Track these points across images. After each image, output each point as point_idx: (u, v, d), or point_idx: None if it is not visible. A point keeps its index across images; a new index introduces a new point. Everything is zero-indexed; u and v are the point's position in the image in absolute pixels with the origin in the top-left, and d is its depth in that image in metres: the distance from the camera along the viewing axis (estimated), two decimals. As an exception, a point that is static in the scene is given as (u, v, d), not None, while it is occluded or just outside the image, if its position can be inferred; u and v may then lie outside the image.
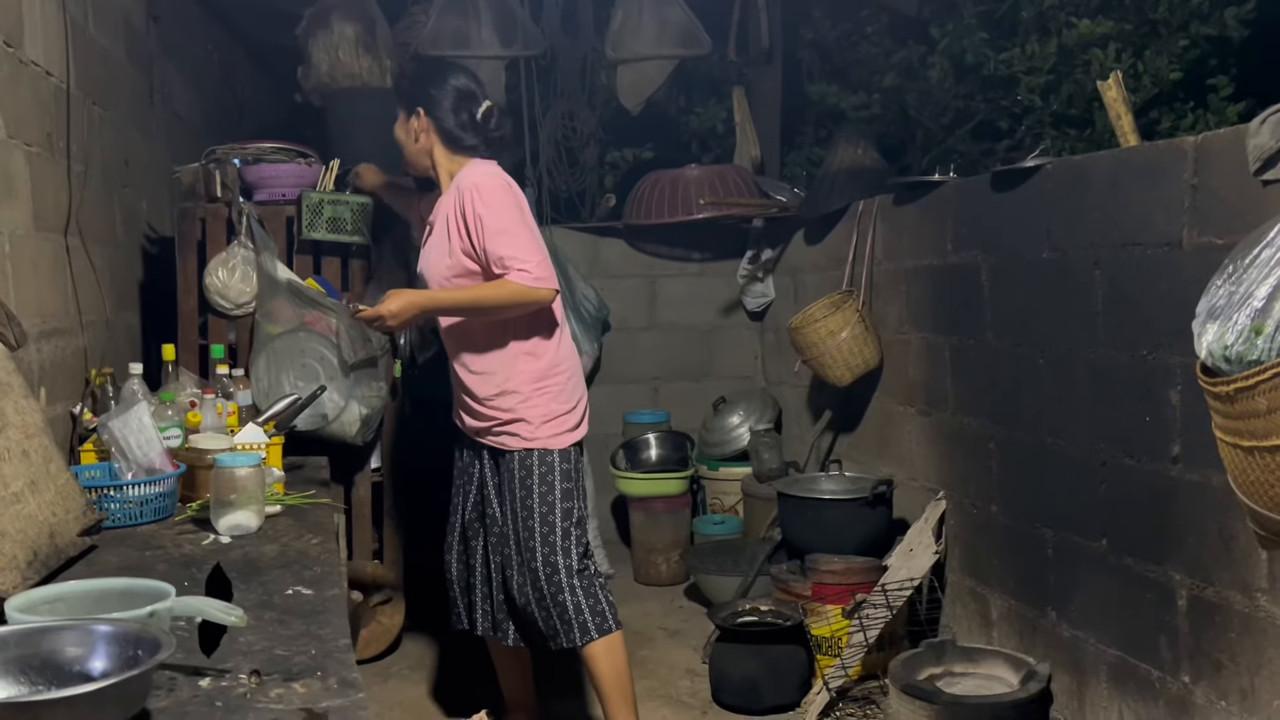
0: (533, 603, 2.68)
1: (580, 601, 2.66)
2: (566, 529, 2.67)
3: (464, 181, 2.72)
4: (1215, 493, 2.19)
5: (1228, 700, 2.20)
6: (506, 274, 2.62)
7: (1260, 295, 1.67)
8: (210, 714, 1.25)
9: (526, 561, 2.69)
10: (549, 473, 2.69)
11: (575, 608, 2.65)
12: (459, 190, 2.71)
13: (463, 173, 2.76)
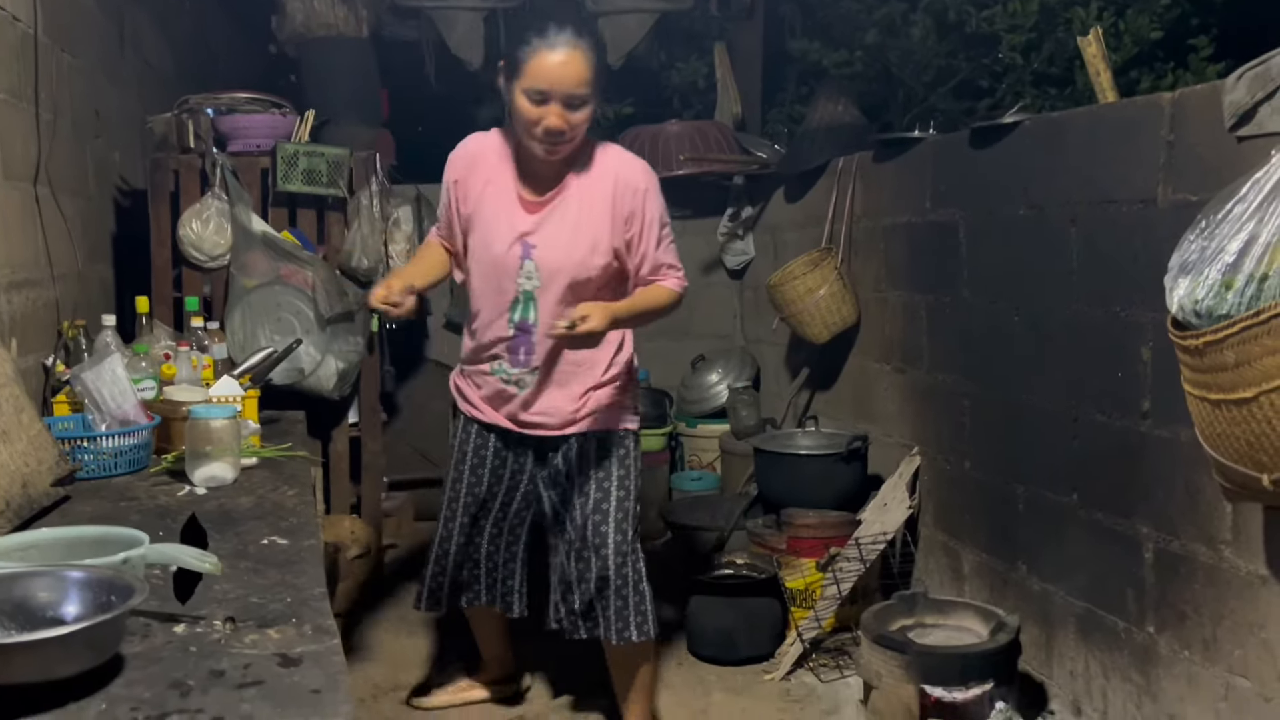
0: (607, 591, 2.45)
1: (645, 592, 2.49)
2: (636, 516, 2.50)
3: (629, 174, 2.37)
4: (1183, 448, 2.22)
5: (1190, 650, 2.25)
6: (664, 280, 2.42)
7: (1231, 250, 1.68)
8: (184, 659, 1.25)
9: (597, 548, 2.45)
10: (636, 458, 2.54)
11: (644, 597, 2.48)
12: (622, 182, 2.35)
13: (615, 159, 2.39)
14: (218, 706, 1.12)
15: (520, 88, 2.22)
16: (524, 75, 2.20)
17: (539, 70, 2.19)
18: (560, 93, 2.20)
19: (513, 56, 2.24)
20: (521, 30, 2.27)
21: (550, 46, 2.18)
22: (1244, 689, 2.10)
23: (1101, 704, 2.57)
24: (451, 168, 2.46)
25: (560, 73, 2.19)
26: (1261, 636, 2.04)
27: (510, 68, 2.25)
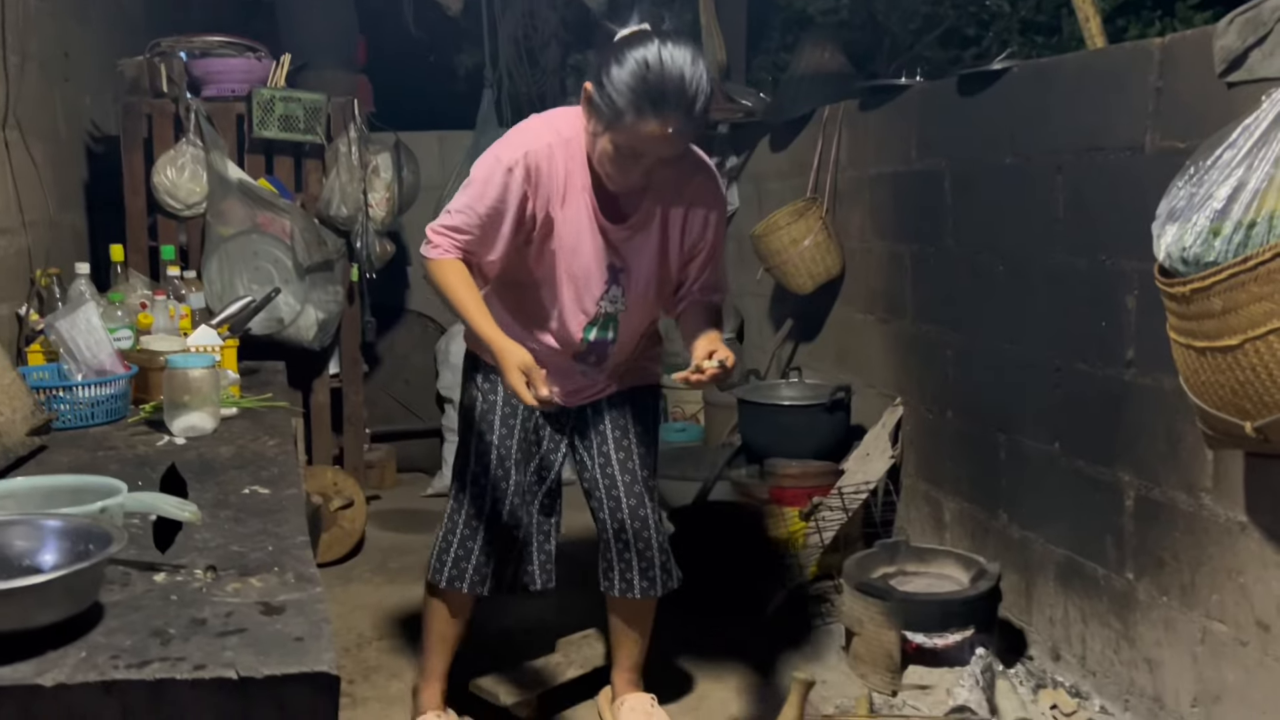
0: (649, 543, 2.35)
1: (668, 546, 2.40)
2: (656, 471, 2.44)
3: (705, 190, 2.19)
4: (1166, 396, 2.23)
5: (1169, 595, 2.28)
6: (714, 298, 2.26)
7: (1220, 196, 1.67)
8: (165, 607, 1.24)
9: (641, 497, 2.35)
10: (659, 411, 2.50)
11: (668, 552, 2.40)
12: (699, 199, 2.17)
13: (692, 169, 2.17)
14: (200, 654, 1.11)
15: (613, 139, 1.96)
16: (621, 131, 1.94)
17: (641, 137, 1.94)
18: (653, 158, 1.99)
19: (611, 101, 1.93)
20: (636, 82, 1.91)
21: (662, 121, 1.92)
22: (1220, 633, 2.12)
23: (1080, 649, 2.61)
24: (519, 165, 2.04)
25: (663, 145, 1.96)
26: (1239, 582, 2.06)
27: (605, 112, 1.95)
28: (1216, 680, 2.14)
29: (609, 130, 1.96)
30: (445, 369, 4.56)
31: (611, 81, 1.92)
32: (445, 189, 4.73)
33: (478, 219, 2.08)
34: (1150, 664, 2.35)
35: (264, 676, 1.07)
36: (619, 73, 1.92)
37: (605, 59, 1.96)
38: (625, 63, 1.92)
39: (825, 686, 2.67)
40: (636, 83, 1.90)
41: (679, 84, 1.91)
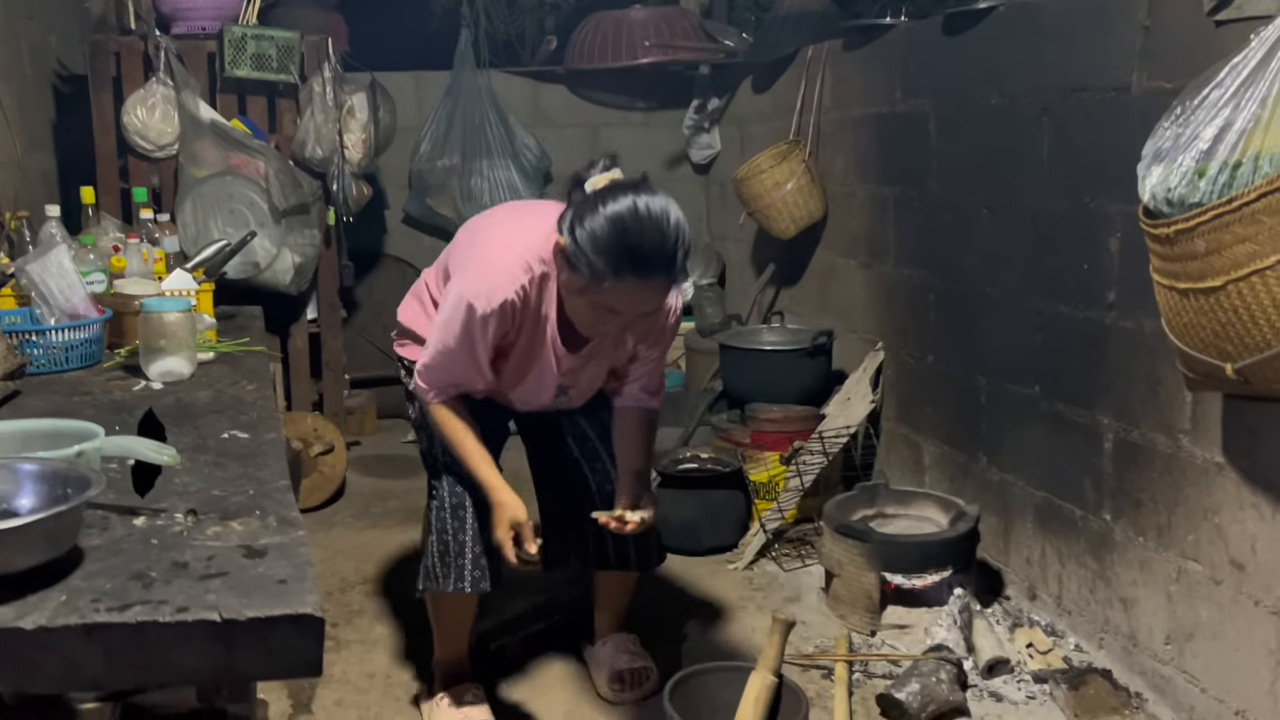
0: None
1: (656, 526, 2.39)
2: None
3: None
4: (1147, 339, 2.24)
5: (1145, 536, 2.31)
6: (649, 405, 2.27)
7: (1206, 137, 1.66)
8: (146, 551, 1.22)
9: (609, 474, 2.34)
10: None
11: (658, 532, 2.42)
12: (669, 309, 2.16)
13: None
14: (182, 597, 1.10)
15: (593, 299, 1.91)
16: (603, 293, 1.88)
17: (623, 298, 1.89)
18: (633, 315, 1.96)
19: (590, 261, 1.84)
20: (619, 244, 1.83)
21: (643, 281, 1.86)
22: (1195, 572, 2.16)
23: (1056, 589, 2.64)
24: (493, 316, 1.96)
25: (643, 303, 1.92)
26: (1215, 522, 2.09)
27: (584, 273, 1.86)
28: (1190, 618, 2.18)
29: (589, 285, 1.88)
30: (425, 314, 4.53)
31: (590, 242, 1.83)
32: (422, 131, 4.67)
33: (458, 366, 2.05)
34: (1125, 603, 2.39)
35: (247, 619, 1.06)
36: (596, 235, 1.83)
37: (580, 216, 1.86)
38: (602, 223, 1.83)
39: (805, 627, 2.71)
40: (616, 245, 1.81)
41: (659, 242, 1.82)
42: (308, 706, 2.33)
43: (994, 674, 2.41)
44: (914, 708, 2.22)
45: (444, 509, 2.21)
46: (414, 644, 2.63)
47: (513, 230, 2.07)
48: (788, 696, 2.04)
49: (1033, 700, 2.33)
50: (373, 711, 2.32)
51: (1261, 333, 1.60)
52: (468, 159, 4.63)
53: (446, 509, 2.21)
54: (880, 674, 2.45)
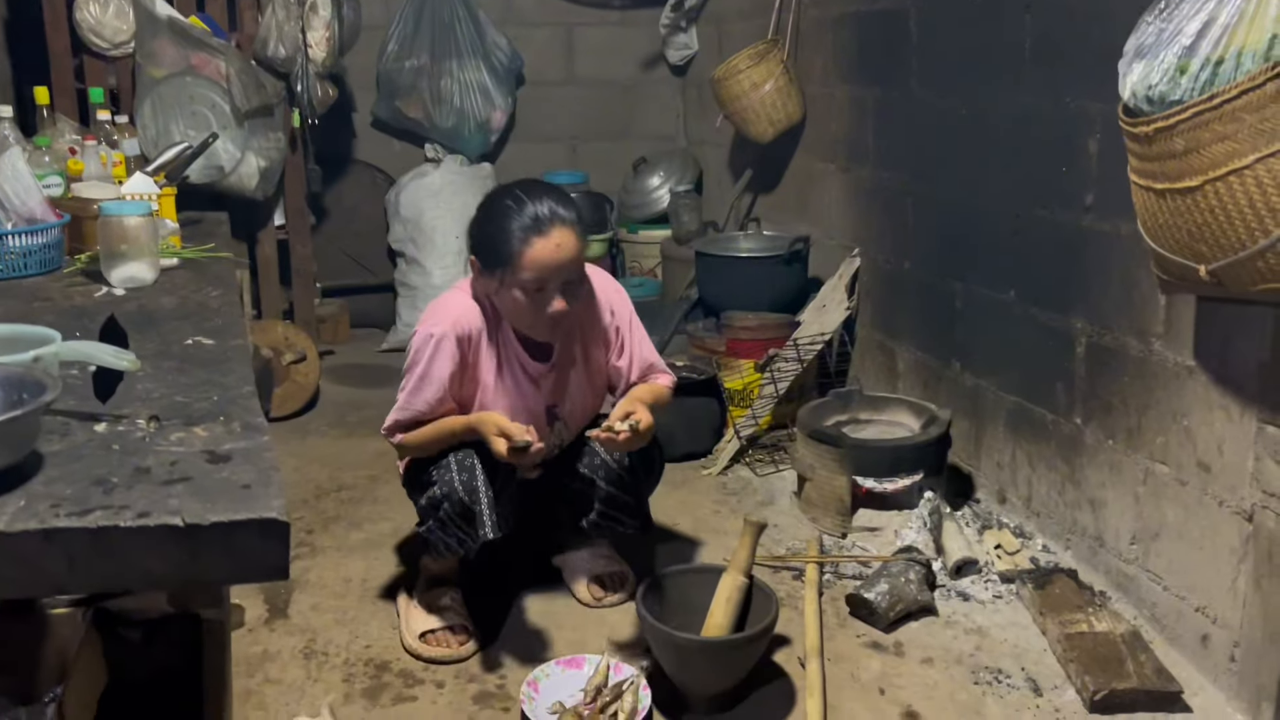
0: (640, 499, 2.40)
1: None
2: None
3: (606, 298, 2.27)
4: (1123, 241, 2.23)
5: (1115, 439, 2.33)
6: (659, 379, 2.33)
7: (1189, 32, 1.62)
8: (107, 457, 1.20)
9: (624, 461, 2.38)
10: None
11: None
12: (604, 309, 2.26)
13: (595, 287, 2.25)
14: (144, 502, 1.08)
15: (514, 285, 2.03)
16: (517, 269, 2.01)
17: (534, 263, 2.00)
18: (560, 278, 2.04)
19: (497, 250, 2.02)
20: (500, 221, 2.03)
21: (542, 233, 2.00)
22: (1162, 474, 2.18)
23: (1026, 491, 2.68)
24: (442, 354, 2.09)
25: (558, 256, 2.01)
26: (1183, 425, 2.11)
27: (494, 259, 2.04)
28: (1156, 519, 2.21)
29: (509, 276, 2.03)
30: (396, 221, 4.46)
31: (491, 235, 2.04)
32: (390, 29, 4.52)
33: (434, 393, 2.12)
34: (1093, 504, 2.42)
35: (210, 523, 1.05)
36: (493, 225, 2.04)
37: (475, 224, 2.10)
38: (493, 214, 2.06)
39: (777, 530, 2.74)
40: (501, 218, 2.02)
41: (547, 203, 2.02)
42: (284, 611, 2.35)
43: (962, 574, 2.46)
44: (882, 607, 2.26)
45: (450, 471, 2.12)
46: (389, 549, 2.65)
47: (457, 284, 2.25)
48: (758, 597, 2.07)
49: (999, 599, 2.38)
50: (349, 615, 2.34)
51: (1237, 233, 1.59)
52: (437, 59, 4.50)
53: (452, 469, 2.12)
54: (850, 575, 2.49)
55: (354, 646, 2.22)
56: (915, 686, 2.08)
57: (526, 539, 2.64)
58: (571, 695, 1.98)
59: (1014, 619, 2.30)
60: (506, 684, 2.09)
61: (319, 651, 2.20)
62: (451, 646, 2.17)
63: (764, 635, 1.99)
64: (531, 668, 2.07)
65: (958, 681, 2.09)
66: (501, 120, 4.68)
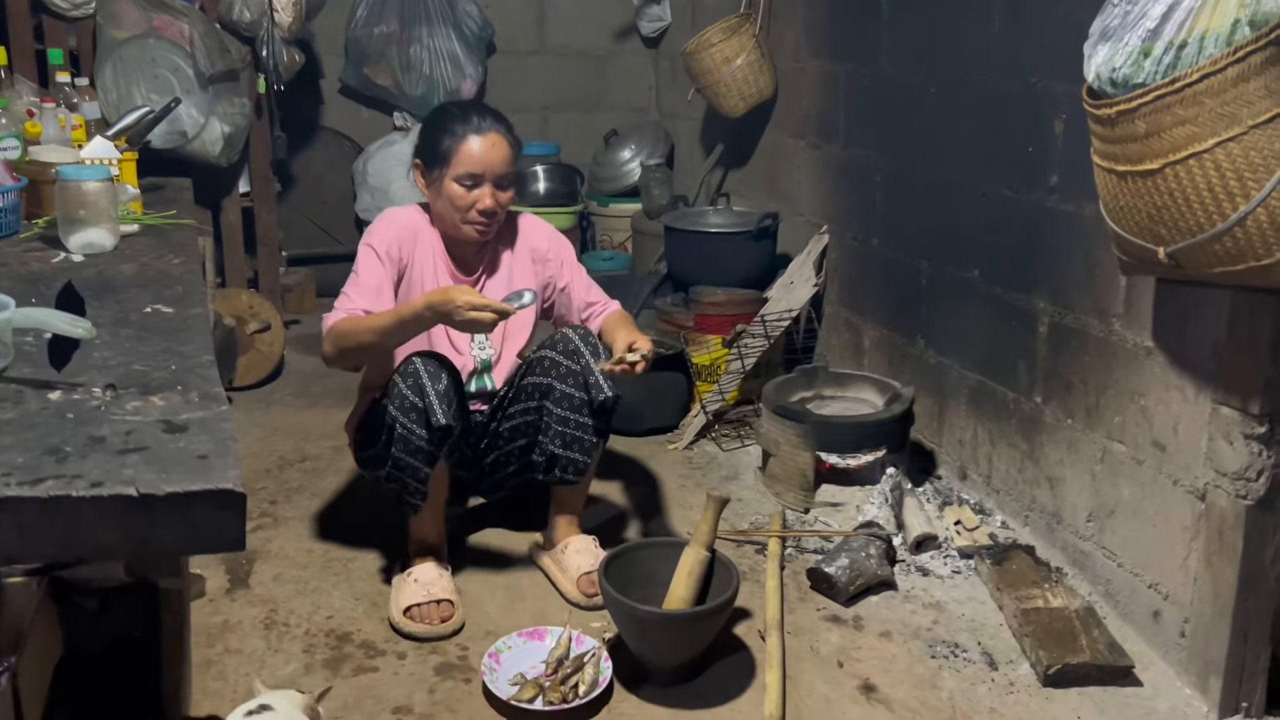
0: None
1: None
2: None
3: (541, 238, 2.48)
4: (1086, 222, 2.25)
5: (1074, 418, 2.36)
6: (610, 308, 2.48)
7: (1154, 15, 1.63)
8: (61, 425, 1.19)
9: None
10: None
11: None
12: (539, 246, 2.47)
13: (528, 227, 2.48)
14: (98, 472, 1.07)
15: (451, 176, 2.26)
16: (454, 163, 2.25)
17: (470, 155, 2.25)
18: (492, 174, 2.27)
19: (439, 147, 2.27)
20: (443, 122, 2.29)
21: (479, 131, 2.26)
22: (1119, 453, 2.22)
23: (987, 468, 2.71)
24: (381, 240, 2.29)
25: (491, 155, 2.26)
26: (1141, 404, 2.14)
27: (435, 158, 2.28)
28: (1112, 496, 2.25)
29: (445, 169, 2.26)
30: (363, 190, 4.41)
31: (429, 137, 2.30)
32: (357, -5, 4.45)
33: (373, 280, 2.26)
34: (1051, 482, 2.46)
35: (166, 494, 1.04)
36: (429, 129, 2.31)
37: (421, 135, 2.35)
38: (437, 119, 2.32)
39: (742, 505, 2.76)
40: (444, 120, 2.29)
41: (481, 105, 2.35)
42: (245, 582, 2.34)
43: (922, 550, 2.49)
44: (842, 581, 2.29)
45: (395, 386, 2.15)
46: (352, 521, 2.64)
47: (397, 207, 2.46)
48: (720, 570, 2.08)
49: (958, 575, 2.42)
50: (311, 585, 2.34)
51: (1195, 216, 1.61)
52: (406, 26, 4.44)
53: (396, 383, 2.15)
54: (812, 549, 2.51)
55: (315, 617, 2.21)
56: (873, 659, 2.11)
57: (485, 512, 2.65)
58: (533, 667, 2.00)
59: (972, 594, 2.34)
60: (468, 655, 2.09)
61: (280, 622, 2.19)
62: (433, 623, 2.16)
63: (724, 609, 2.01)
64: (493, 639, 2.08)
65: (915, 655, 2.12)
66: (472, 89, 4.63)
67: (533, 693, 1.91)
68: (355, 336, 2.17)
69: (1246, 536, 1.89)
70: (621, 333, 2.29)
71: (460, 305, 2.03)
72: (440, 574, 2.26)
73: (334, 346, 2.20)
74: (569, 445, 2.28)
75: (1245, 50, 1.51)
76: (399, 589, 2.24)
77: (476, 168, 2.25)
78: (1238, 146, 1.55)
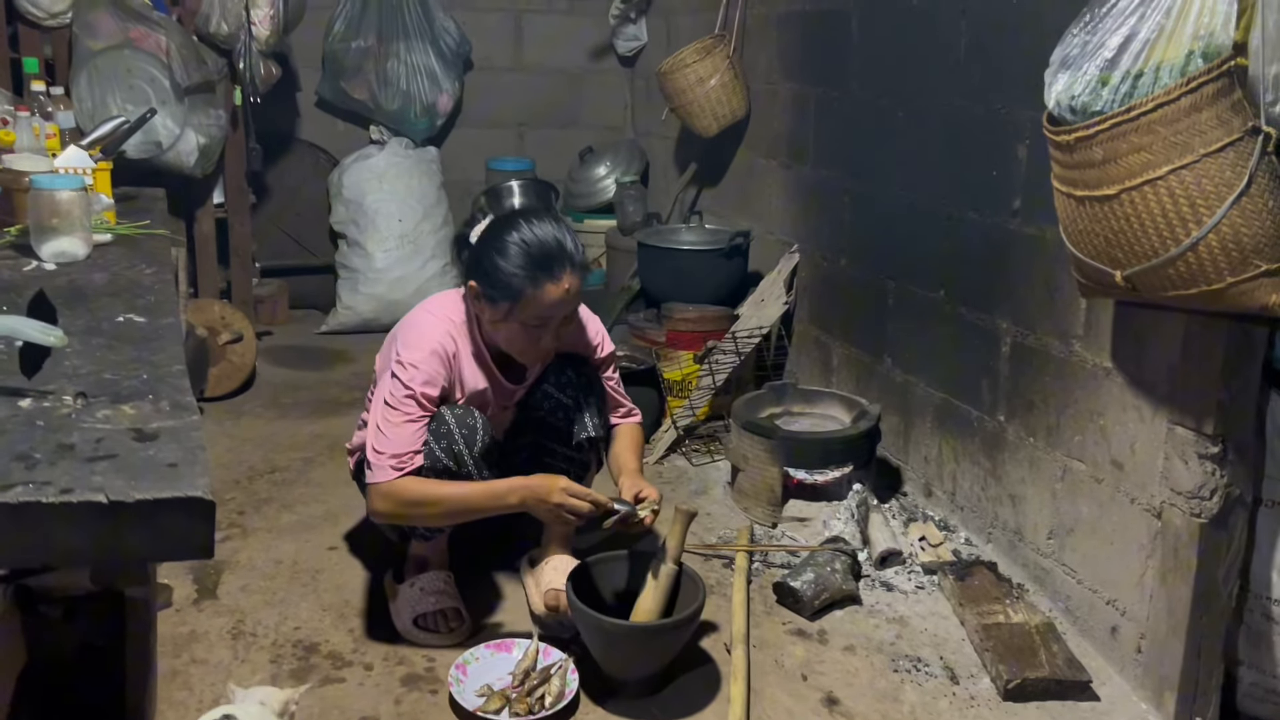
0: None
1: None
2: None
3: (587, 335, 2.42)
4: (1047, 245, 2.30)
5: (1035, 436, 2.41)
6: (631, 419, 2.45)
7: (1112, 45, 1.68)
8: (30, 433, 1.20)
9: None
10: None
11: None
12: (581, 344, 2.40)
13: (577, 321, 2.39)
14: (67, 479, 1.08)
15: (519, 318, 2.10)
16: (525, 306, 2.08)
17: (543, 304, 2.09)
18: (562, 314, 2.13)
19: (509, 286, 2.07)
20: (518, 259, 2.06)
21: (556, 280, 2.07)
22: (1079, 471, 2.26)
23: (951, 485, 2.75)
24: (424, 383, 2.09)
25: (565, 302, 2.10)
26: (1100, 424, 2.19)
27: (503, 292, 2.08)
28: (1072, 514, 2.29)
29: (513, 308, 2.09)
30: (338, 203, 4.42)
31: (500, 271, 2.07)
32: (336, 8, 4.48)
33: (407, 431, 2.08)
34: (1014, 500, 2.50)
35: (135, 501, 1.05)
36: (504, 261, 2.07)
37: (481, 257, 2.11)
38: (505, 249, 2.08)
39: (710, 519, 2.78)
40: (524, 261, 2.06)
41: (558, 245, 2.08)
42: (213, 592, 2.34)
43: (886, 565, 2.52)
44: (808, 595, 2.31)
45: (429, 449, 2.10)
46: (320, 532, 2.64)
47: (422, 308, 2.24)
48: (687, 584, 2.10)
49: (921, 590, 2.45)
50: (279, 596, 2.34)
51: (1150, 241, 1.66)
52: (384, 40, 4.46)
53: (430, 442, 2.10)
54: (779, 564, 2.54)
55: (283, 628, 2.22)
56: (836, 673, 2.14)
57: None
58: (500, 678, 2.01)
59: (935, 609, 2.37)
60: (435, 666, 2.10)
61: (247, 632, 2.19)
62: (446, 630, 2.18)
63: (690, 622, 2.03)
64: (460, 651, 2.09)
65: (878, 669, 2.15)
66: (448, 104, 4.66)
67: (499, 704, 1.92)
68: (424, 507, 2.08)
69: (1201, 554, 1.93)
70: (629, 470, 2.25)
71: (556, 503, 2.04)
72: (446, 582, 2.27)
73: (395, 508, 2.07)
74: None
75: (1198, 81, 1.57)
76: (403, 598, 2.23)
77: (548, 313, 2.11)
78: (1190, 174, 1.60)
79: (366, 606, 2.31)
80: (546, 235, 2.09)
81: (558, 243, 2.08)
